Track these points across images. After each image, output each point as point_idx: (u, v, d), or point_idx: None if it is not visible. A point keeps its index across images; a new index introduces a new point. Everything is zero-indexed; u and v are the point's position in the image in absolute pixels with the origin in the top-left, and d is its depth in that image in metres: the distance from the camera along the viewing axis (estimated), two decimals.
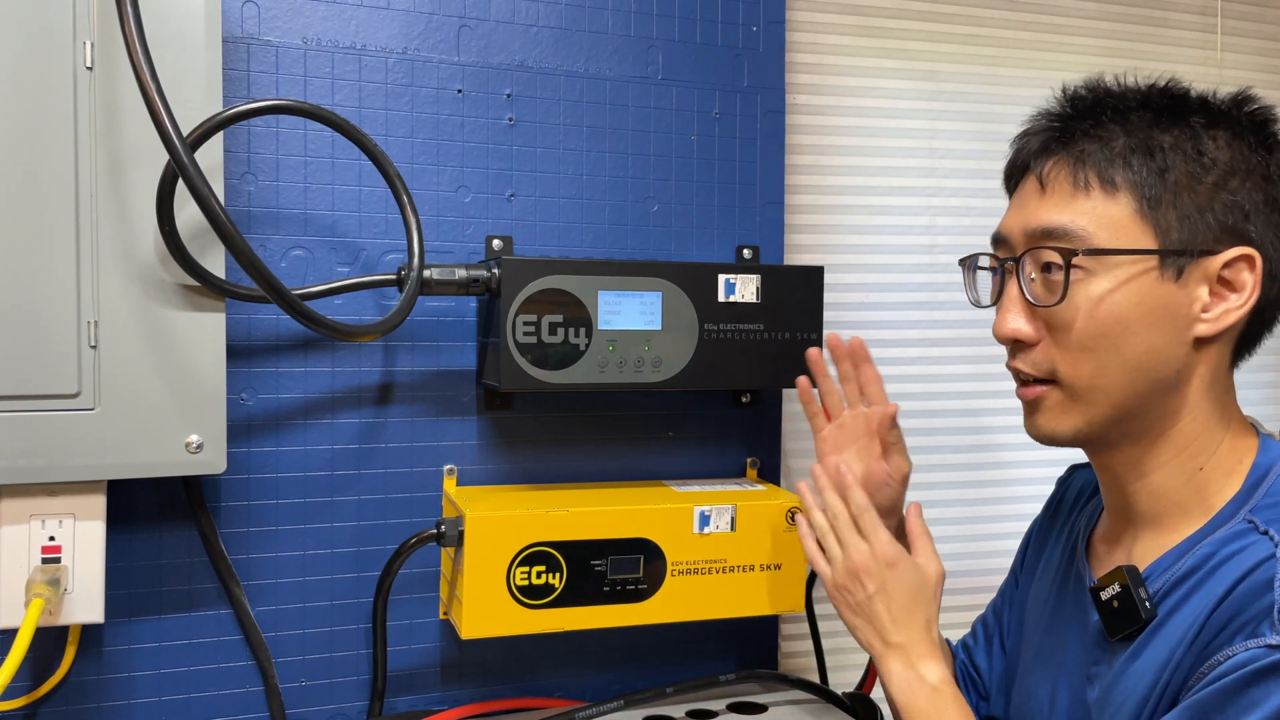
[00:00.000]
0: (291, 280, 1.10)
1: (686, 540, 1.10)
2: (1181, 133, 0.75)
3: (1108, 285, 0.75)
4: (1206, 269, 0.75)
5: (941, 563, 0.94)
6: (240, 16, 1.08)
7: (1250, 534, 0.73)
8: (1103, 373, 0.76)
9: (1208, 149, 0.75)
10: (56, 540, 0.93)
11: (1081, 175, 0.76)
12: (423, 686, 1.17)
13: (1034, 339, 0.79)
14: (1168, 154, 0.75)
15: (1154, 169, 0.74)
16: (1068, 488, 1.02)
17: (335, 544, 1.13)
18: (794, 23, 1.40)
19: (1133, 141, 0.75)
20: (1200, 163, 0.74)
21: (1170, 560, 0.77)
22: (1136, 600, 0.75)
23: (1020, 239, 0.80)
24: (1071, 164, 0.77)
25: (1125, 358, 0.75)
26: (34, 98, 0.87)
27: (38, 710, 1.04)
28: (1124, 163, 0.75)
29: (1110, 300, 0.75)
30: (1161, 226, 0.74)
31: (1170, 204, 0.74)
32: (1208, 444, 0.78)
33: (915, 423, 1.49)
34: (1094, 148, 0.76)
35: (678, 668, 1.26)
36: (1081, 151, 0.77)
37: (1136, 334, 0.75)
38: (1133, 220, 0.74)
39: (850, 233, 1.45)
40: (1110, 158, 0.75)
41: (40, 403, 0.89)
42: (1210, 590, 0.72)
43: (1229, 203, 0.74)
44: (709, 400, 1.26)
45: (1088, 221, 0.75)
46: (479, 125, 1.17)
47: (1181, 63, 1.61)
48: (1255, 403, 1.65)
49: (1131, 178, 0.75)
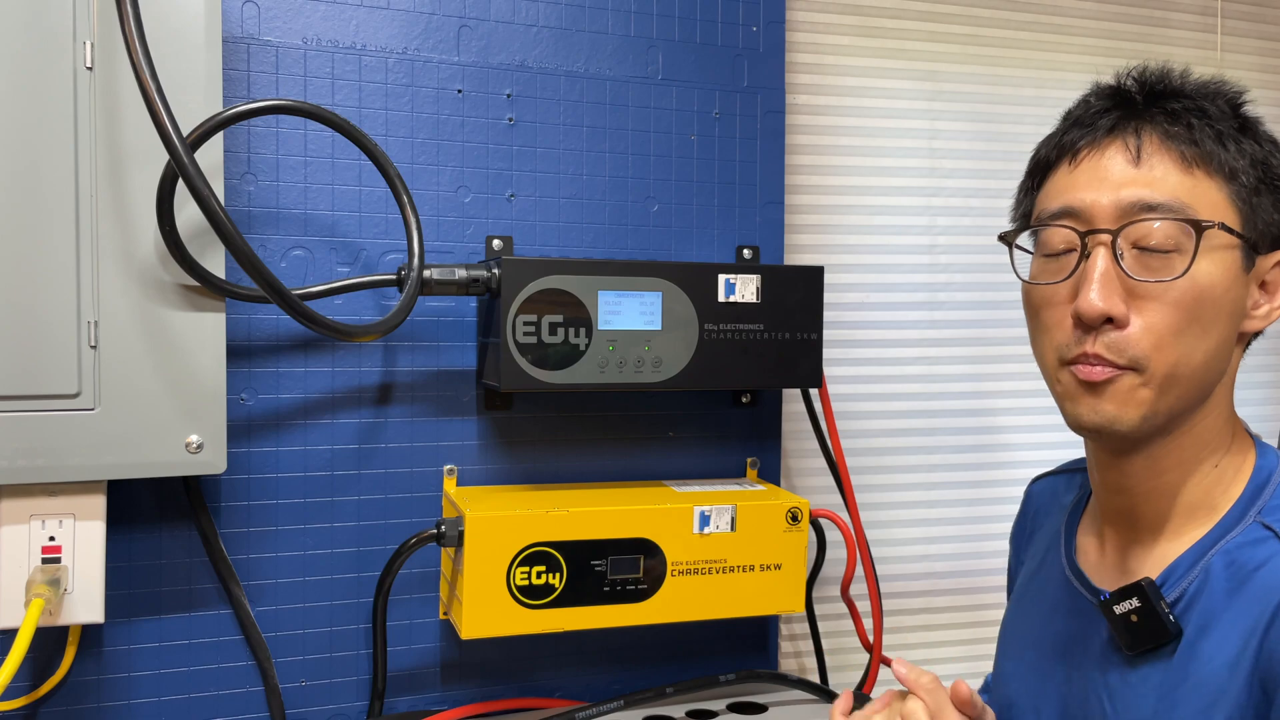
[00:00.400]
0: (291, 280, 1.10)
1: (686, 540, 1.10)
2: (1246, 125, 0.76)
3: (1209, 266, 0.72)
4: (1261, 266, 0.75)
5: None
6: (240, 16, 1.08)
7: (1270, 541, 0.72)
8: (1187, 359, 0.72)
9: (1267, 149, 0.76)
10: (56, 540, 0.93)
11: (1181, 153, 0.73)
12: (423, 686, 1.17)
13: (1125, 319, 0.72)
14: (1256, 144, 0.75)
15: (1249, 157, 0.74)
16: (1030, 502, 1.00)
17: (335, 544, 1.13)
18: (794, 23, 1.40)
19: (1224, 126, 0.75)
20: (1258, 158, 0.75)
21: (1184, 568, 0.75)
22: (1161, 615, 0.73)
23: (1111, 212, 0.73)
24: (1170, 138, 0.74)
25: (1208, 345, 0.73)
26: (34, 98, 0.87)
27: (38, 710, 1.04)
28: (1221, 145, 0.74)
29: (1208, 281, 0.72)
30: (1246, 215, 0.74)
31: (1263, 195, 0.75)
32: (1222, 441, 0.78)
33: (915, 423, 1.49)
34: (1195, 123, 0.74)
35: (678, 668, 1.26)
36: (1183, 126, 0.74)
37: (1221, 320, 0.73)
38: (1228, 204, 0.73)
39: (850, 233, 1.45)
40: (1202, 139, 0.74)
41: (40, 403, 0.89)
42: (1248, 608, 0.71)
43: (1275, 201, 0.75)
44: (709, 400, 1.26)
45: (1192, 198, 0.72)
46: (479, 125, 1.17)
47: (1182, 63, 1.61)
48: (1255, 403, 1.65)
49: (1233, 162, 0.74)
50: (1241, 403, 1.50)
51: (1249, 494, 0.76)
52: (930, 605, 1.51)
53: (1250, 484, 0.77)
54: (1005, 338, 1.51)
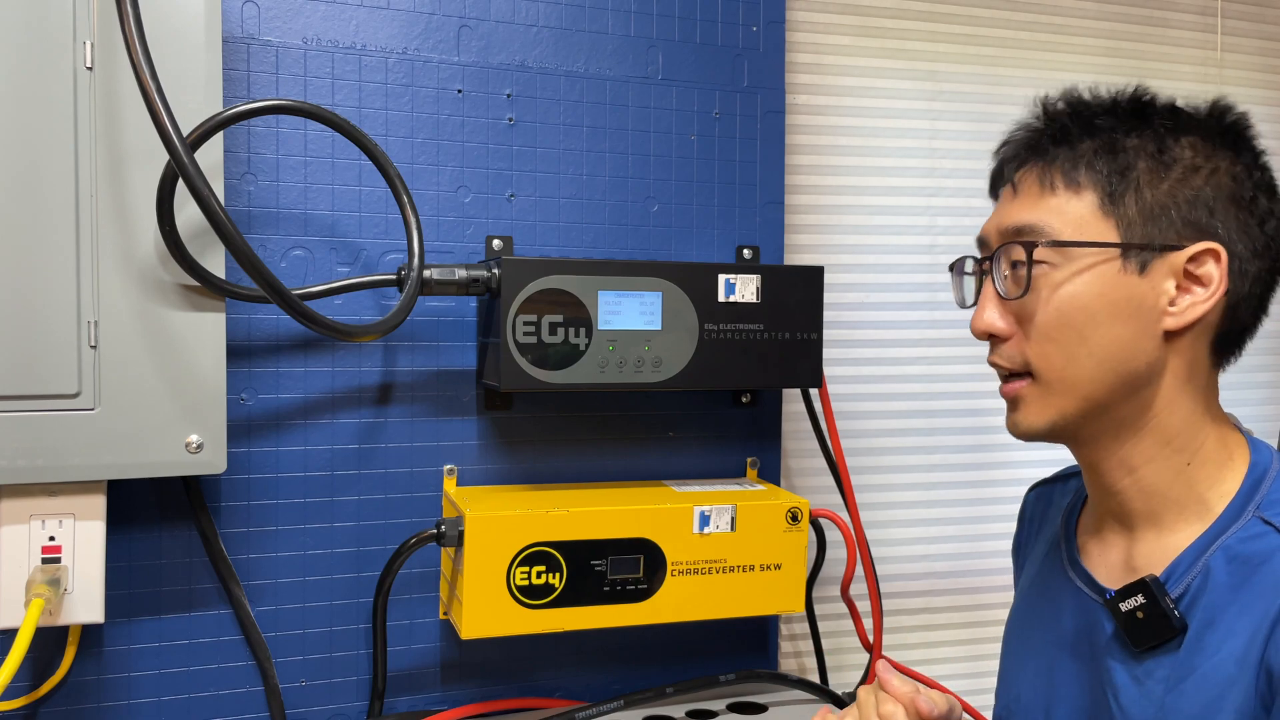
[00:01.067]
0: (291, 280, 1.10)
1: (686, 540, 1.10)
2: (1146, 135, 0.78)
3: (1071, 276, 0.77)
4: (1172, 263, 0.76)
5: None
6: (240, 16, 1.08)
7: (1271, 535, 0.73)
8: (1072, 363, 0.78)
9: (1170, 149, 0.78)
10: (56, 540, 0.93)
11: (1048, 177, 0.80)
12: (423, 686, 1.17)
13: (1007, 333, 0.81)
14: (1130, 153, 0.78)
15: (1116, 167, 0.78)
16: (1025, 512, 1.02)
17: (335, 544, 1.13)
18: (794, 23, 1.40)
19: (1097, 144, 0.79)
20: (1162, 160, 0.77)
21: (1187, 563, 0.77)
22: (1166, 610, 0.75)
23: (995, 239, 0.83)
24: (1040, 168, 0.81)
25: (1092, 348, 0.77)
26: (34, 98, 0.87)
27: (38, 710, 1.04)
28: (1087, 163, 0.78)
29: (1073, 291, 0.77)
30: (1124, 221, 0.77)
31: (1132, 199, 0.77)
32: (1192, 439, 0.79)
33: (915, 423, 1.49)
34: (1061, 152, 0.80)
35: (678, 668, 1.26)
36: (1050, 156, 0.80)
37: (1100, 325, 0.77)
38: (1095, 216, 0.77)
39: (850, 233, 1.45)
40: (1074, 160, 0.79)
41: (40, 403, 0.89)
42: (1252, 602, 0.72)
43: (1192, 198, 0.76)
44: (709, 400, 1.26)
45: (1053, 218, 0.78)
46: (479, 125, 1.17)
47: (1181, 62, 1.61)
48: (1255, 403, 1.65)
49: (1094, 176, 0.78)
50: (1242, 402, 1.50)
51: (1246, 490, 0.77)
52: (930, 605, 1.51)
53: (1247, 480, 0.78)
54: None
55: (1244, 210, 0.77)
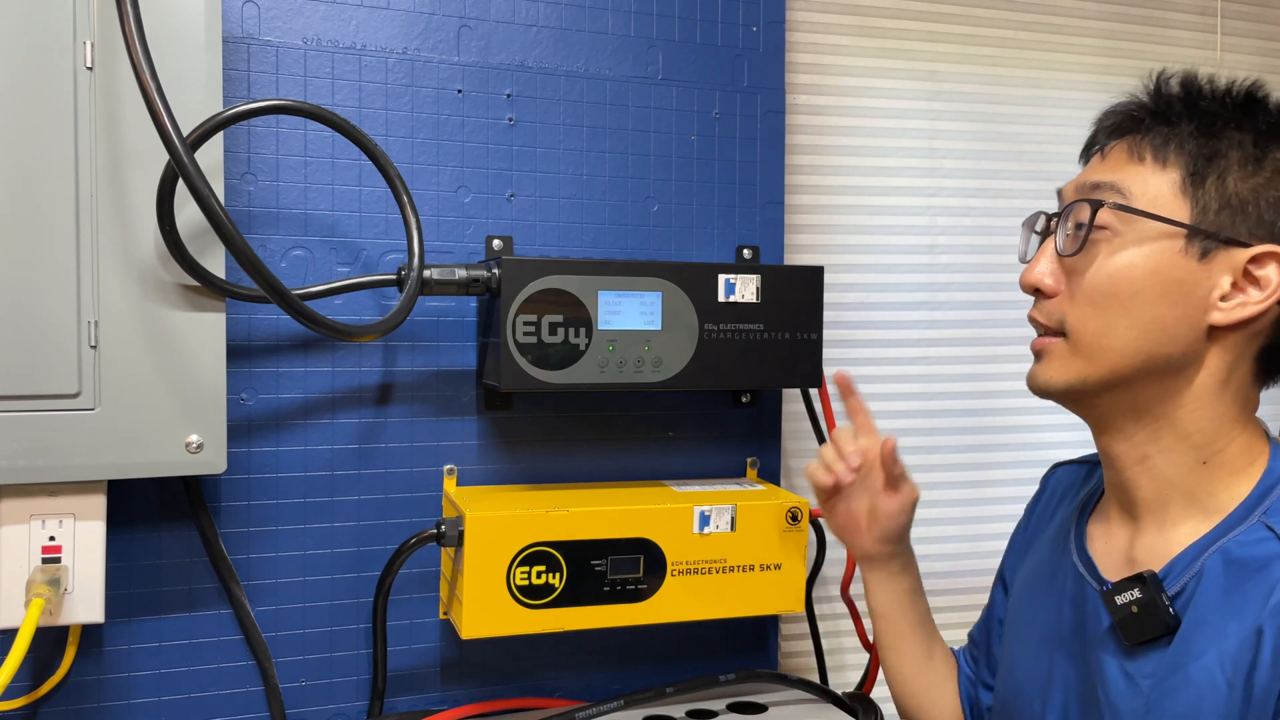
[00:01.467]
0: (291, 280, 1.10)
1: (686, 540, 1.10)
2: (1247, 129, 0.77)
3: (1130, 246, 0.77)
4: (1234, 259, 0.75)
5: None
6: (240, 16, 1.08)
7: (1270, 542, 0.73)
8: (1108, 331, 0.77)
9: (1267, 147, 0.77)
10: (56, 540, 0.93)
11: (1138, 147, 0.79)
12: (423, 686, 1.17)
13: (1053, 290, 0.81)
14: (1225, 142, 0.77)
15: (1206, 151, 0.77)
16: (1047, 485, 1.02)
17: (335, 544, 1.13)
18: (794, 23, 1.40)
19: (1195, 126, 0.78)
20: (1255, 155, 0.76)
21: (1186, 561, 0.77)
22: (1160, 607, 0.75)
23: (1070, 196, 0.82)
24: (1133, 138, 0.80)
25: (1132, 321, 0.77)
26: (34, 98, 0.87)
27: (38, 710, 1.04)
28: (1179, 142, 0.77)
29: (1128, 260, 0.77)
30: (1199, 205, 0.76)
31: (1215, 185, 0.76)
32: (1215, 440, 0.78)
33: (915, 423, 1.49)
34: (1158, 126, 0.79)
35: (678, 668, 1.26)
36: (1146, 129, 0.79)
37: (1146, 301, 0.76)
38: (1174, 193, 0.77)
39: (850, 233, 1.45)
40: (1169, 136, 0.78)
41: (40, 403, 0.89)
42: (1244, 610, 0.72)
43: (1275, 200, 0.75)
44: (709, 400, 1.26)
45: (1131, 184, 0.78)
46: (479, 125, 1.17)
47: (1182, 63, 1.60)
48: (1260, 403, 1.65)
49: (1183, 156, 0.77)
50: None
51: (1257, 494, 0.77)
52: (930, 605, 1.51)
53: (1260, 485, 0.77)
54: (1005, 338, 1.51)
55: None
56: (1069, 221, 0.81)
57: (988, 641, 1.04)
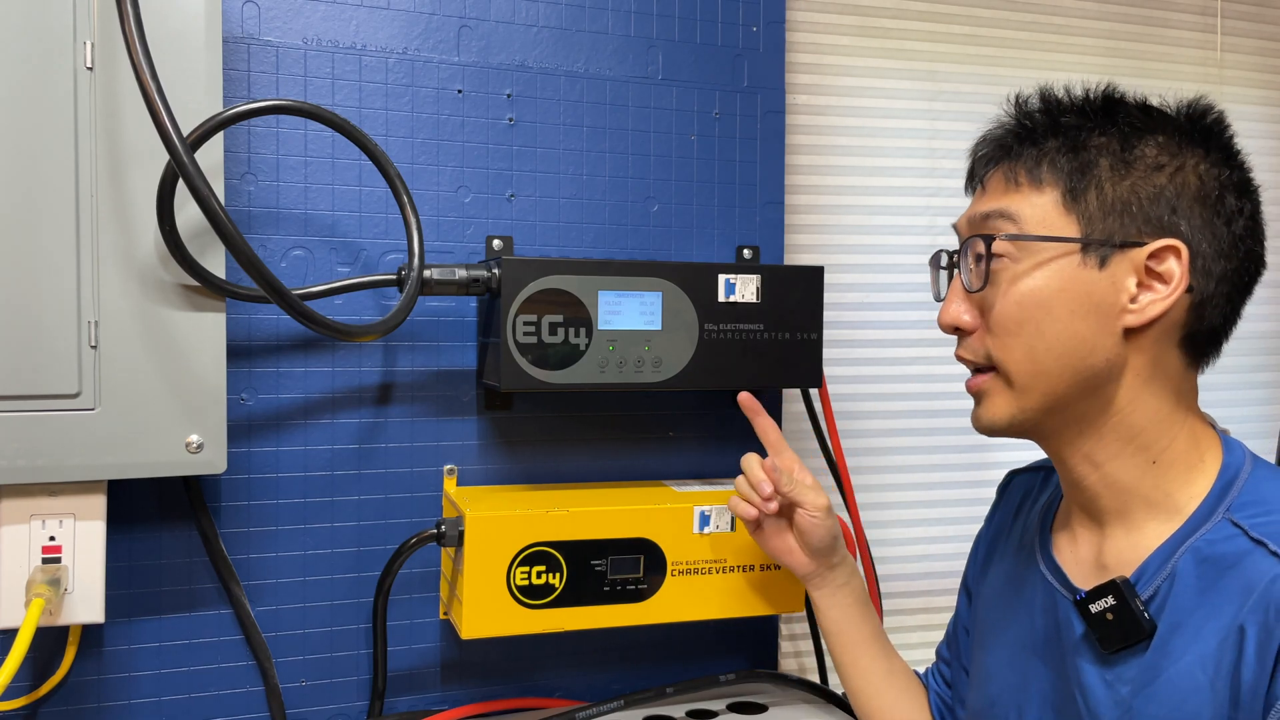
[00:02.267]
0: (291, 280, 1.10)
1: (686, 540, 1.10)
2: (1111, 133, 0.79)
3: (1030, 270, 0.78)
4: (1134, 259, 0.76)
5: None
6: (240, 16, 1.08)
7: (1240, 539, 0.73)
8: (1031, 357, 0.78)
9: (1135, 146, 0.78)
10: (57, 540, 0.93)
11: (1013, 173, 0.81)
12: (423, 686, 1.17)
13: (971, 326, 0.83)
14: (1093, 151, 0.78)
15: (1078, 164, 0.78)
16: (1005, 493, 1.02)
17: (335, 544, 1.13)
18: (794, 23, 1.40)
19: (1061, 142, 0.79)
20: (1124, 158, 0.77)
21: (1157, 564, 0.77)
22: (1135, 613, 0.75)
23: (964, 232, 0.84)
24: (1007, 165, 0.82)
25: (1050, 343, 0.78)
26: (34, 98, 0.87)
27: (38, 710, 1.04)
28: (1050, 160, 0.79)
29: (1031, 284, 0.78)
30: (1084, 216, 0.77)
31: (1094, 195, 0.77)
32: (1159, 438, 0.79)
33: (915, 423, 1.49)
34: (1026, 149, 0.81)
35: (678, 668, 1.26)
36: (1016, 154, 0.81)
37: (1059, 319, 0.77)
38: (1057, 211, 0.78)
39: (850, 233, 1.45)
40: (1038, 157, 0.80)
41: (40, 403, 0.89)
42: (1222, 609, 0.72)
43: (1154, 195, 0.76)
44: (709, 400, 1.26)
45: (1017, 209, 0.79)
46: (479, 125, 1.17)
47: (1181, 62, 1.61)
48: (1255, 403, 1.65)
49: (1056, 173, 0.79)
50: (1242, 402, 1.50)
51: (1217, 491, 0.77)
52: (930, 605, 1.51)
53: (1218, 481, 0.78)
54: None
55: (1209, 209, 0.77)
56: (968, 257, 0.82)
57: (959, 657, 1.03)
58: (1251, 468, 0.78)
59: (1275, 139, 1.67)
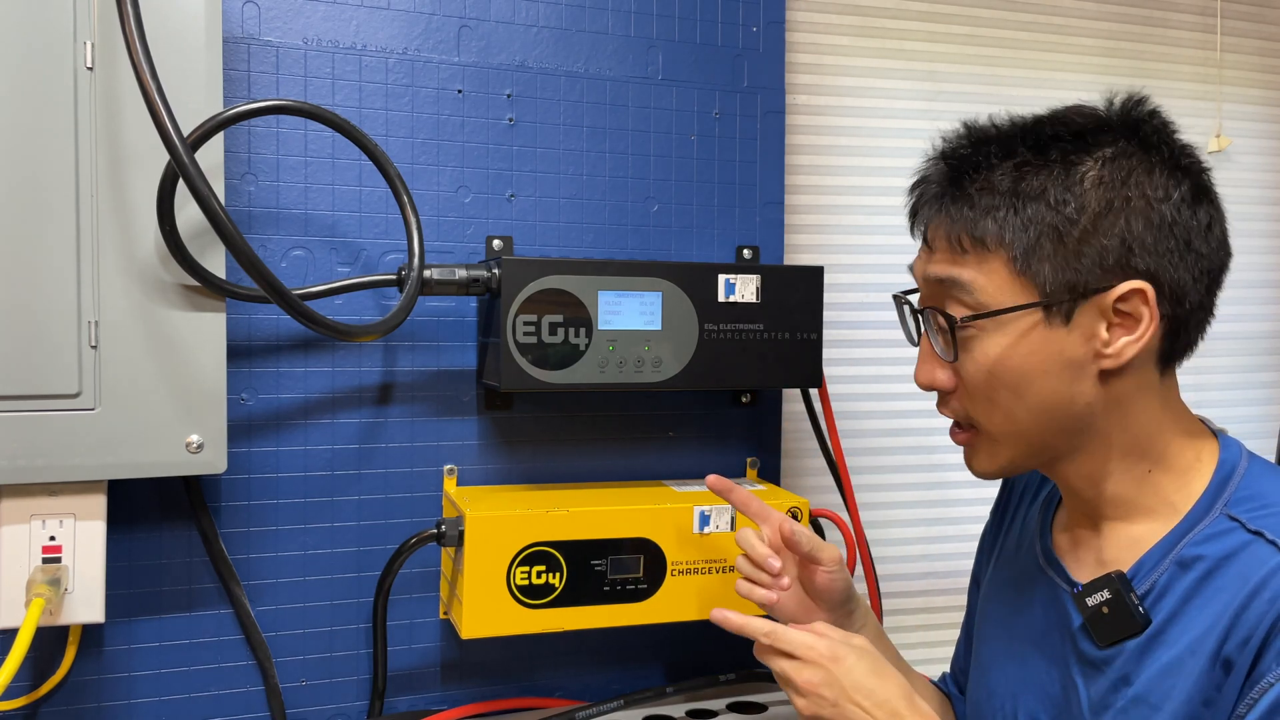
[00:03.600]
0: (291, 280, 1.10)
1: (686, 540, 1.11)
2: (1048, 174, 0.75)
3: (998, 341, 0.77)
4: (1100, 305, 0.74)
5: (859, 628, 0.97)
6: (240, 16, 1.08)
7: (1237, 532, 0.74)
8: (1012, 419, 0.78)
9: (1075, 194, 0.74)
10: (57, 540, 0.93)
11: (955, 236, 0.78)
12: (423, 686, 1.17)
13: (949, 386, 0.82)
14: (1032, 204, 0.74)
15: (1019, 225, 0.74)
16: (1009, 489, 1.01)
17: (335, 544, 1.13)
18: (794, 23, 1.40)
19: (998, 198, 0.75)
20: (1065, 215, 0.74)
21: (1154, 560, 0.77)
22: (1130, 607, 0.76)
23: (922, 287, 0.83)
24: (948, 225, 0.78)
25: (1030, 405, 0.77)
26: (34, 98, 0.87)
27: (38, 710, 1.04)
28: (992, 219, 0.75)
29: (1001, 354, 0.77)
30: (1039, 280, 0.75)
31: (1044, 258, 0.74)
32: (1151, 448, 0.79)
33: (915, 423, 1.49)
34: (962, 210, 0.77)
35: (678, 668, 1.26)
36: (955, 212, 0.78)
37: (1034, 382, 0.76)
38: (1010, 277, 0.76)
39: (850, 233, 1.45)
40: (976, 219, 0.76)
41: (40, 403, 0.89)
42: (1216, 598, 0.73)
43: (1105, 246, 0.73)
44: (709, 400, 1.27)
45: (970, 278, 0.77)
46: (479, 125, 1.17)
47: (1181, 63, 1.61)
48: (1255, 403, 1.65)
49: (1000, 235, 0.75)
50: (1242, 402, 1.50)
51: (1214, 488, 0.78)
52: (930, 605, 1.51)
53: (1215, 479, 0.78)
54: None
55: (1166, 235, 0.74)
56: (932, 324, 0.81)
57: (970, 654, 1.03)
58: (1248, 465, 0.78)
59: (1275, 139, 1.67)
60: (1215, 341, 1.48)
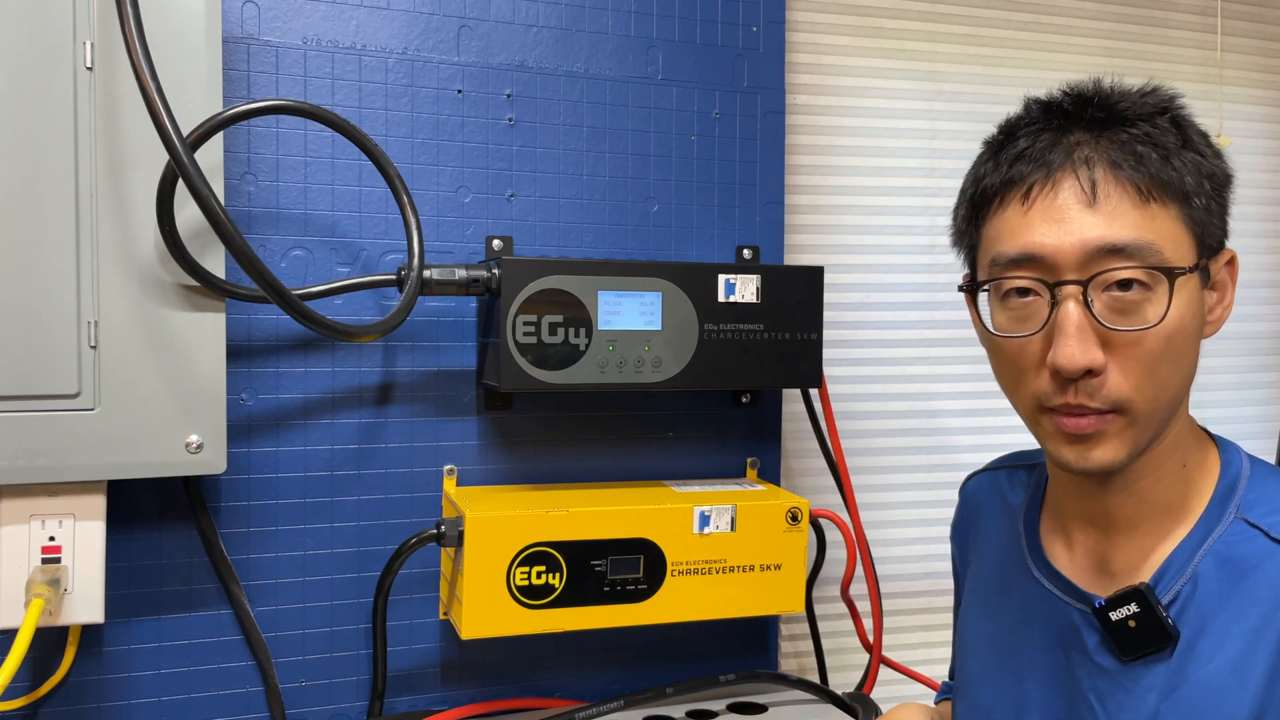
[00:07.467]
0: (291, 280, 1.10)
1: (686, 540, 1.10)
2: (1188, 138, 0.74)
3: (1165, 299, 0.70)
4: (1215, 266, 0.75)
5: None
6: (240, 16, 1.08)
7: (1259, 539, 0.72)
8: (1164, 391, 0.72)
9: (1208, 156, 0.74)
10: (56, 540, 0.93)
11: (1132, 182, 0.70)
12: (423, 686, 1.17)
13: (1103, 368, 0.71)
14: (1191, 155, 0.72)
15: (1194, 172, 0.72)
16: (968, 498, 0.99)
17: (335, 544, 1.13)
18: (794, 23, 1.40)
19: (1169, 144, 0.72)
20: (1215, 166, 0.74)
21: (1175, 568, 0.75)
22: (1160, 619, 0.73)
23: (1076, 258, 0.71)
24: (1119, 167, 0.71)
25: (1183, 372, 0.73)
26: (34, 98, 0.87)
27: (38, 710, 1.04)
28: (1169, 166, 0.71)
29: (1180, 318, 0.71)
30: (1197, 234, 0.72)
31: (1207, 210, 0.73)
32: (1183, 439, 0.77)
33: (915, 423, 1.49)
34: (1141, 149, 0.71)
35: (678, 668, 1.26)
36: (1130, 153, 0.71)
37: (1191, 347, 0.73)
38: (1182, 230, 0.72)
39: (850, 233, 1.45)
40: (1155, 161, 0.71)
41: (40, 403, 0.89)
42: (1247, 608, 0.71)
43: (1227, 205, 0.75)
44: (709, 400, 1.26)
45: (1154, 233, 0.70)
46: (479, 125, 1.17)
47: (1181, 63, 1.61)
48: (1255, 403, 1.65)
49: (1181, 183, 0.71)
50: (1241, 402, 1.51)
51: (1223, 491, 0.76)
52: (930, 605, 1.51)
53: (1221, 480, 0.77)
54: None
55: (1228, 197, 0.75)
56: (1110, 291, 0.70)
57: None
58: (1250, 466, 0.77)
59: (1275, 139, 1.67)
60: (1215, 341, 1.48)
